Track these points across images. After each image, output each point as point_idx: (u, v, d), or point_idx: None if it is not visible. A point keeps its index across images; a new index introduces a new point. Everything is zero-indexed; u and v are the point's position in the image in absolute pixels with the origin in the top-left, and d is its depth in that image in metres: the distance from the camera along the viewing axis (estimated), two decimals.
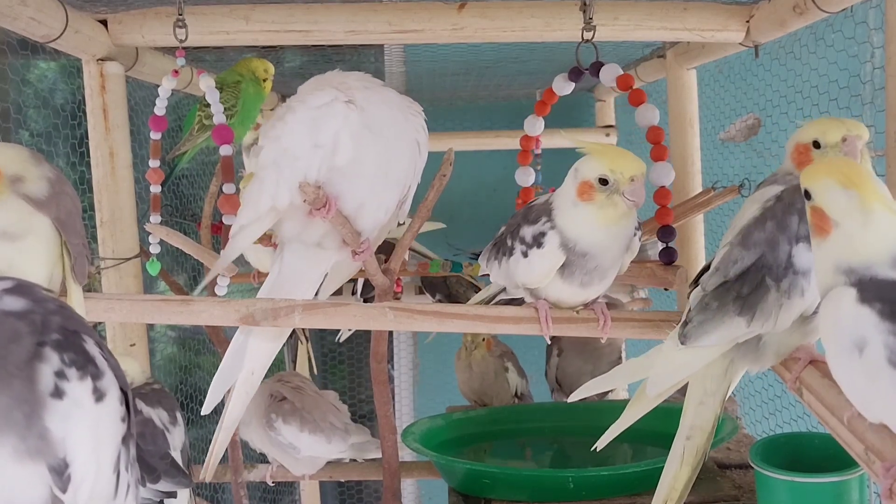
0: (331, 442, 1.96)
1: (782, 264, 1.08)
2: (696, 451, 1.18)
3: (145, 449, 1.58)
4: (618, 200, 1.25)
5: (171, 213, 2.64)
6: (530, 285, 1.34)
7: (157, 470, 1.57)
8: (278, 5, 1.76)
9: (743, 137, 2.16)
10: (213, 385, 1.41)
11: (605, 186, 1.24)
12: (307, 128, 1.29)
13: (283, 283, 1.41)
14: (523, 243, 1.32)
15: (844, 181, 0.90)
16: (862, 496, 1.34)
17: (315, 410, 1.96)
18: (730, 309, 1.11)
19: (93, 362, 0.88)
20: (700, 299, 1.15)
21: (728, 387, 1.18)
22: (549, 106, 1.72)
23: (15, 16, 1.44)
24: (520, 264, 1.33)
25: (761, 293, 1.09)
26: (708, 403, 1.18)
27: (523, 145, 1.74)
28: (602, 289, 1.34)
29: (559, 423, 2.08)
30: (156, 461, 1.59)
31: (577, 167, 1.28)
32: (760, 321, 1.09)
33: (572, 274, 1.30)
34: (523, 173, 1.73)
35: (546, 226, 1.30)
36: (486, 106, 3.77)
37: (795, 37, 1.92)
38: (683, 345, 1.14)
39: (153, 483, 1.56)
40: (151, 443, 1.60)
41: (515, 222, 1.38)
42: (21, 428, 0.81)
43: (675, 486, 1.18)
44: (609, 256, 1.31)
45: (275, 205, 1.30)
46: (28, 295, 0.87)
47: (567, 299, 1.34)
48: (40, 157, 1.27)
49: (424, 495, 4.15)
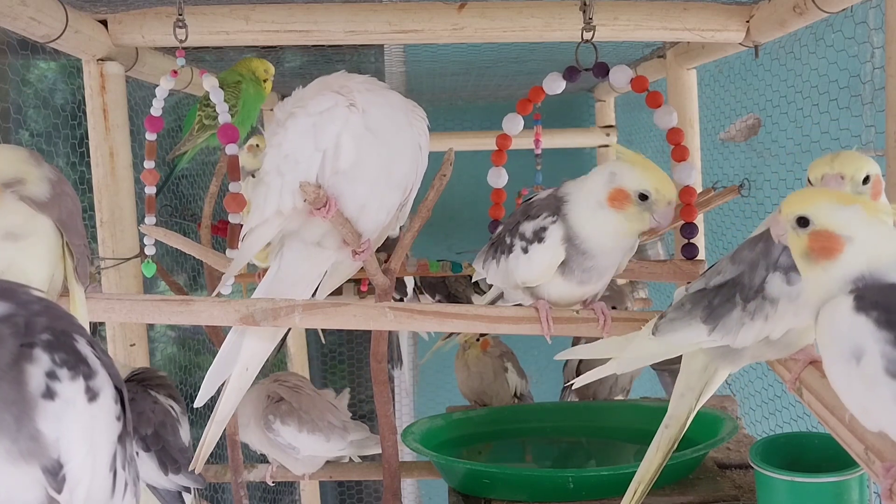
0: (329, 440, 1.96)
1: (755, 287, 1.10)
2: (670, 439, 1.23)
3: (167, 439, 1.59)
4: (647, 218, 1.25)
5: (171, 213, 2.64)
6: (530, 283, 1.34)
7: (178, 462, 1.58)
8: (278, 5, 1.76)
9: (743, 137, 2.16)
10: (207, 379, 1.42)
11: (642, 202, 1.24)
12: (308, 133, 1.29)
13: (281, 281, 1.42)
14: (523, 239, 1.32)
15: (841, 200, 0.92)
16: (862, 496, 1.34)
17: (313, 410, 1.96)
18: (698, 315, 1.14)
19: (85, 362, 0.87)
20: (679, 298, 1.19)
21: (706, 384, 1.21)
22: (532, 105, 1.65)
23: (15, 16, 1.44)
24: (520, 261, 1.33)
25: (728, 308, 1.11)
26: (687, 397, 1.21)
27: (499, 144, 1.65)
28: (600, 287, 1.35)
29: (559, 423, 2.08)
30: (176, 453, 1.59)
31: (615, 172, 1.26)
32: (721, 333, 1.12)
33: (571, 272, 1.30)
34: (496, 174, 1.65)
35: (548, 220, 1.30)
36: (486, 106, 3.77)
37: (795, 37, 1.92)
38: (654, 335, 1.17)
39: (174, 474, 1.57)
40: (172, 433, 1.60)
41: (514, 220, 1.38)
42: (12, 430, 0.81)
43: (648, 470, 1.23)
44: (611, 259, 1.32)
45: (279, 209, 1.32)
46: (10, 298, 0.86)
47: (565, 296, 1.34)
48: (40, 157, 1.27)
49: (424, 495, 4.15)
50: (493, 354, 2.30)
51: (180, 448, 1.61)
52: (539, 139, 1.87)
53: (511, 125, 1.64)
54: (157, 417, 1.59)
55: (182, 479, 1.59)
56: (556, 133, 3.30)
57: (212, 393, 1.43)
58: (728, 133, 2.19)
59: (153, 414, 1.59)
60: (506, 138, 1.65)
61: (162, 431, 1.59)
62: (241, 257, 1.41)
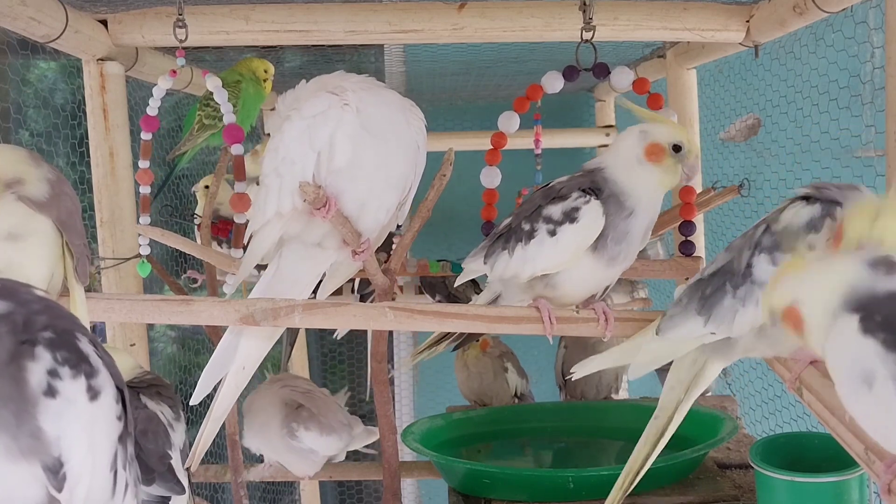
0: (342, 439, 2.01)
1: (741, 271, 1.10)
2: (658, 430, 1.24)
3: (145, 447, 1.57)
4: (679, 170, 1.32)
5: (170, 213, 2.64)
6: (553, 269, 1.32)
7: (154, 471, 1.56)
8: (278, 5, 1.76)
9: (743, 137, 2.16)
10: (203, 377, 1.42)
11: (676, 153, 1.30)
12: (304, 135, 1.30)
13: (279, 281, 1.42)
14: (550, 222, 1.31)
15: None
16: (862, 496, 1.34)
17: (328, 412, 2.00)
18: (693, 307, 1.14)
19: (87, 361, 0.87)
20: (678, 294, 1.20)
21: (695, 376, 1.22)
22: (530, 103, 1.65)
23: (15, 16, 1.44)
24: (544, 245, 1.31)
25: (720, 296, 1.12)
26: (676, 389, 1.23)
27: (494, 143, 1.63)
28: (622, 269, 1.35)
29: (559, 423, 2.08)
30: (154, 462, 1.57)
31: (644, 130, 1.32)
32: (716, 323, 1.12)
33: (605, 247, 1.30)
34: (489, 174, 1.64)
35: (580, 200, 1.30)
36: (486, 106, 3.77)
37: (795, 37, 1.92)
38: (658, 335, 1.18)
39: (147, 485, 1.55)
40: (153, 441, 1.59)
41: (531, 207, 1.36)
42: (12, 427, 0.81)
43: (637, 459, 1.24)
44: (645, 221, 1.33)
45: (279, 210, 1.33)
46: (10, 296, 0.86)
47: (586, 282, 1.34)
48: (39, 158, 1.27)
49: (424, 495, 4.15)
50: (492, 354, 2.30)
51: (160, 455, 1.58)
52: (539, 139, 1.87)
53: (507, 123, 1.64)
54: (138, 426, 1.58)
55: (156, 490, 1.56)
56: (556, 133, 3.30)
57: (208, 391, 1.44)
58: (728, 133, 2.19)
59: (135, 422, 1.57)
60: (501, 136, 1.64)
61: (141, 440, 1.57)
62: (247, 261, 1.42)
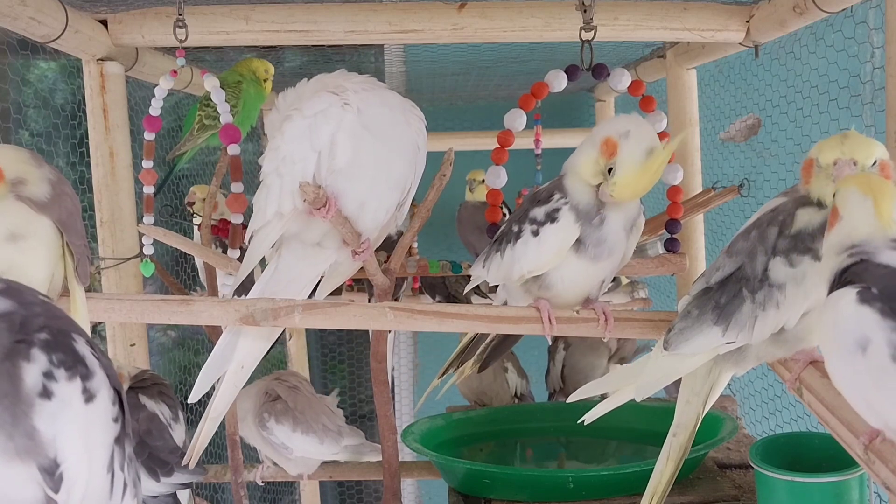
0: (323, 443, 1.95)
1: (758, 276, 1.08)
2: (680, 447, 1.22)
3: (153, 445, 1.59)
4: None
5: (171, 213, 2.64)
6: (539, 270, 1.33)
7: (170, 463, 1.58)
8: (278, 5, 1.76)
9: (743, 137, 2.16)
10: (201, 376, 1.42)
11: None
12: (304, 134, 1.30)
13: (278, 280, 1.42)
14: (534, 223, 1.31)
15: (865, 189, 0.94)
16: (862, 496, 1.34)
17: (308, 411, 1.95)
18: (708, 318, 1.12)
19: (82, 363, 0.87)
20: (684, 305, 1.17)
21: (711, 388, 1.20)
22: (535, 101, 1.62)
23: (15, 16, 1.44)
24: (529, 246, 1.32)
25: (737, 303, 1.10)
26: (693, 402, 1.20)
27: (501, 141, 1.61)
28: (611, 266, 1.35)
29: (559, 423, 2.08)
30: (166, 455, 1.59)
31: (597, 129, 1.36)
32: (735, 331, 1.10)
33: (585, 249, 1.30)
34: (495, 174, 1.62)
35: (560, 202, 1.30)
36: (486, 106, 3.77)
37: (795, 37, 1.92)
38: (666, 350, 1.15)
39: (167, 476, 1.57)
40: (159, 438, 1.61)
41: (522, 210, 1.37)
42: (7, 425, 0.81)
43: (661, 481, 1.22)
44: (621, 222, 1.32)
45: (279, 210, 1.33)
46: (15, 297, 0.87)
47: (578, 279, 1.33)
48: (40, 158, 1.27)
49: (424, 495, 4.15)
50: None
51: (171, 449, 1.61)
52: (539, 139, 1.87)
53: (514, 121, 1.61)
54: (141, 427, 1.59)
55: (178, 478, 1.59)
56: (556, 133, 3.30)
57: (206, 390, 1.44)
58: (728, 133, 2.19)
59: (137, 423, 1.59)
60: (508, 134, 1.61)
61: (147, 439, 1.59)
62: (247, 261, 1.42)
